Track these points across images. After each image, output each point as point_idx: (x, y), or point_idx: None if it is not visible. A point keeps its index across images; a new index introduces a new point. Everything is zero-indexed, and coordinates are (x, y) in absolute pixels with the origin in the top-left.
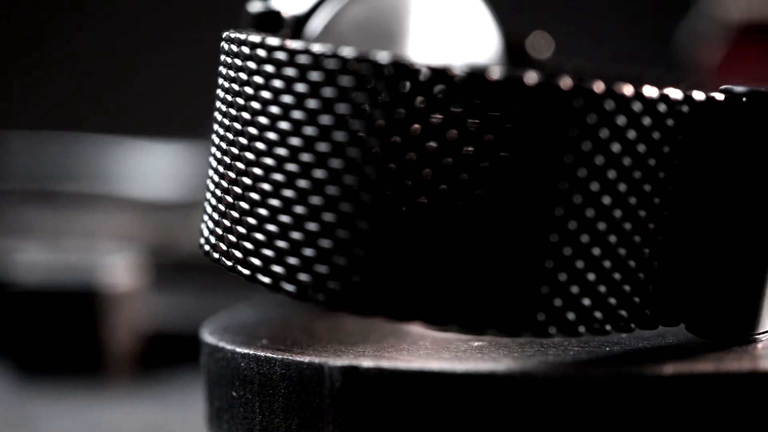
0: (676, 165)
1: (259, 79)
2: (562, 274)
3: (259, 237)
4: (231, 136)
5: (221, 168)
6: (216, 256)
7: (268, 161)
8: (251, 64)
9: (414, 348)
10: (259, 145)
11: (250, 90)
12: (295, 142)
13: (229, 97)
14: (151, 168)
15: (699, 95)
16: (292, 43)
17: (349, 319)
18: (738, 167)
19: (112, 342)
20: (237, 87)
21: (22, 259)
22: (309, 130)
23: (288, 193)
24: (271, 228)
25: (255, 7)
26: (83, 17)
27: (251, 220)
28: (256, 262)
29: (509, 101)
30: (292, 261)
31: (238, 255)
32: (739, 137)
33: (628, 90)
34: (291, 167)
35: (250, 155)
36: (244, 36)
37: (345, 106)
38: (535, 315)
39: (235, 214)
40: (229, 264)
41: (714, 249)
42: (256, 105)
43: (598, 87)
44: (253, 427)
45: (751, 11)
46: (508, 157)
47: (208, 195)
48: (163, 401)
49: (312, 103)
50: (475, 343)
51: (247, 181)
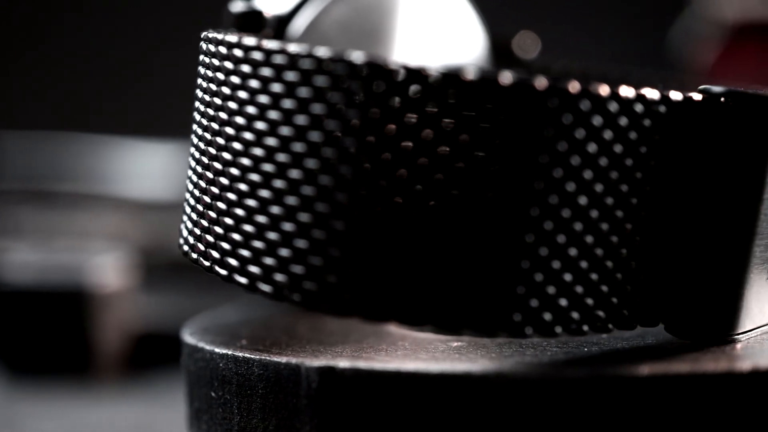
0: (654, 165)
1: (236, 79)
2: (538, 274)
3: (236, 237)
4: (209, 136)
5: (199, 168)
6: (194, 256)
7: (245, 161)
8: (228, 64)
9: (393, 348)
10: (236, 146)
11: (227, 90)
12: (271, 142)
13: (208, 97)
14: (143, 168)
15: (676, 95)
16: (268, 43)
17: (330, 320)
18: (716, 167)
19: (101, 342)
20: (215, 87)
21: (13, 259)
22: (285, 131)
23: (264, 193)
24: (247, 228)
25: (237, 6)
26: (75, 17)
27: (228, 221)
28: (233, 263)
29: (484, 101)
30: (269, 261)
31: (216, 255)
32: (717, 137)
33: (604, 90)
34: (267, 167)
35: (228, 155)
36: (221, 36)
37: (320, 106)
38: (512, 315)
39: (213, 215)
40: (207, 264)
41: (692, 249)
42: (233, 105)
43: (574, 87)
44: (232, 427)
45: (745, 11)
46: (483, 157)
47: (187, 195)
48: (151, 401)
49: (288, 103)
50: (454, 344)
51: (224, 181)
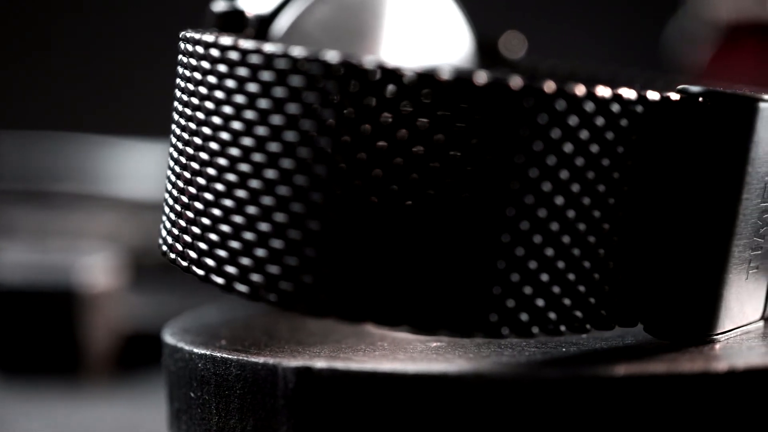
0: (631, 165)
1: (212, 78)
2: (514, 274)
3: (213, 237)
4: (186, 135)
5: (178, 168)
6: (172, 256)
7: (222, 161)
8: (205, 64)
9: (371, 349)
10: (213, 145)
11: (204, 89)
12: (247, 142)
13: (185, 97)
14: (135, 168)
15: (653, 95)
16: (244, 43)
17: (311, 320)
18: (694, 167)
19: (90, 342)
20: (192, 86)
21: (3, 259)
22: (261, 130)
23: (240, 193)
24: (224, 228)
25: (219, 6)
26: (69, 18)
27: (205, 221)
28: (210, 263)
29: (459, 101)
30: (245, 261)
31: (193, 255)
32: (695, 137)
33: (579, 90)
34: (243, 167)
35: (204, 155)
36: (198, 35)
37: (296, 106)
38: (488, 316)
39: (191, 215)
40: (185, 264)
41: (671, 249)
42: (209, 105)
43: (549, 87)
44: (210, 427)
45: (740, 11)
46: (459, 157)
47: (166, 195)
48: (140, 401)
49: (263, 103)
50: (433, 344)
51: (201, 181)
